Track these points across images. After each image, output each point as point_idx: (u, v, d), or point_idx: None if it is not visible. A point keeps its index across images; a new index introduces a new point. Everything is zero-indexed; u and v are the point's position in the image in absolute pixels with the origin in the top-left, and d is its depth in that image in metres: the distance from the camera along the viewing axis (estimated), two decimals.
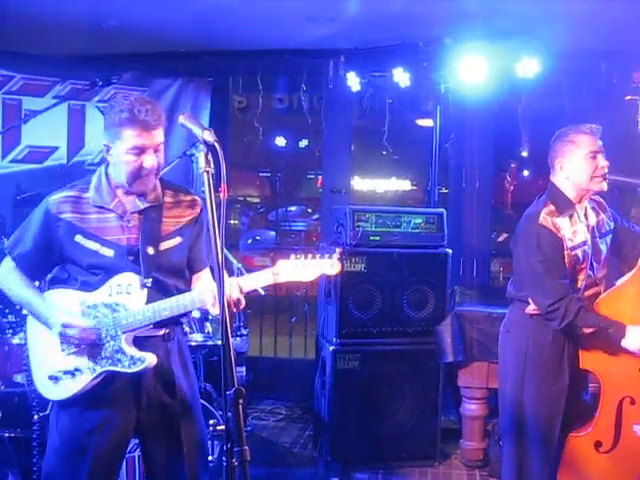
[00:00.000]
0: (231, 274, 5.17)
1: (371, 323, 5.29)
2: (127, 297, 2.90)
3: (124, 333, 2.89)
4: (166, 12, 5.67)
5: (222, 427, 2.35)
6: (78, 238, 2.93)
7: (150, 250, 2.96)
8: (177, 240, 3.06)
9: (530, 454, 3.77)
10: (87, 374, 2.90)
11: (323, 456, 5.32)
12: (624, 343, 3.48)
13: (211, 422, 2.64)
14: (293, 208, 13.71)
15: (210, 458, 4.08)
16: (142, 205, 2.99)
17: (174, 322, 3.08)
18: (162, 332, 3.03)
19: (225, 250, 4.16)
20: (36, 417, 3.81)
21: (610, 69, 6.34)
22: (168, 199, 3.09)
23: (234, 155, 8.00)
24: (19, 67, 5.93)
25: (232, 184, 9.26)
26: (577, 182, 3.69)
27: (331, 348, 5.23)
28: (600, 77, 6.38)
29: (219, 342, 4.65)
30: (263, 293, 4.66)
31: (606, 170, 3.65)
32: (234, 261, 5.23)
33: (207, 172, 2.32)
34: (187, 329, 4.59)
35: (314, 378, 5.60)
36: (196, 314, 4.55)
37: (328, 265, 2.84)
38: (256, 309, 7.16)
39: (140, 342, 2.93)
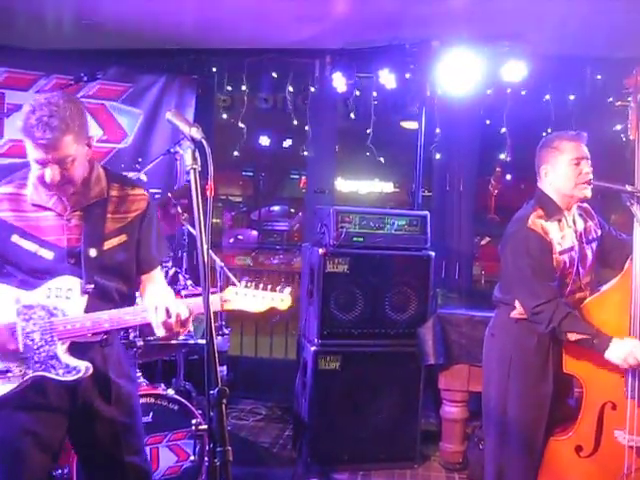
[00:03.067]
0: (214, 272, 5.17)
1: (353, 324, 5.28)
2: (66, 302, 2.77)
3: (60, 339, 2.76)
4: (152, 9, 5.65)
5: (203, 427, 2.30)
6: (15, 238, 2.79)
7: (92, 252, 2.82)
8: (122, 238, 2.91)
9: (513, 458, 3.77)
10: (17, 377, 2.77)
11: (302, 457, 5.31)
12: (607, 355, 3.47)
13: (193, 422, 2.61)
14: (276, 208, 13.68)
15: (192, 458, 4.07)
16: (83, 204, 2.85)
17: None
18: (100, 338, 2.90)
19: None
20: None
21: (596, 75, 6.38)
22: (114, 193, 2.93)
23: (217, 154, 7.96)
24: (3, 60, 5.86)
25: (215, 183, 9.25)
26: (561, 188, 3.70)
27: (312, 349, 5.22)
28: (585, 82, 6.41)
29: (200, 341, 4.65)
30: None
31: (590, 177, 3.66)
32: (217, 259, 5.22)
33: (194, 169, 2.28)
34: None
35: (294, 378, 5.59)
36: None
37: (279, 299, 2.79)
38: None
39: (76, 346, 2.81)
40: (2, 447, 2.83)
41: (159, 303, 2.74)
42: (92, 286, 2.80)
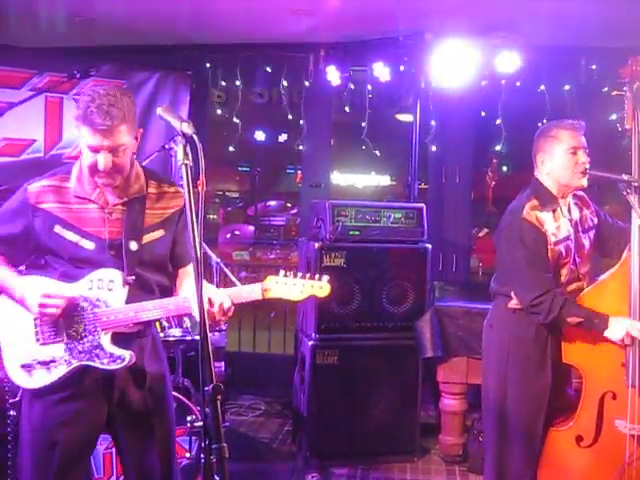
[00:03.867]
0: (210, 268, 5.16)
1: (350, 318, 5.27)
2: (108, 293, 2.85)
3: (103, 330, 2.84)
4: (145, 4, 5.63)
5: (200, 423, 2.30)
6: (57, 229, 2.87)
7: (133, 245, 2.90)
8: (160, 233, 3.00)
9: (513, 450, 3.77)
10: (62, 366, 2.85)
11: (302, 451, 5.30)
12: (607, 333, 3.49)
13: (189, 419, 2.61)
14: (272, 203, 13.67)
15: (187, 455, 4.06)
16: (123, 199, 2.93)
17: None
18: (137, 329, 2.97)
19: (203, 244, 4.13)
20: (12, 412, 3.75)
21: (590, 65, 6.36)
22: (152, 190, 3.03)
23: (213, 149, 7.96)
24: None
25: (211, 179, 9.23)
26: (558, 177, 3.69)
27: (310, 343, 5.21)
28: (580, 73, 6.40)
29: (198, 337, 4.64)
30: None
31: (587, 166, 3.65)
32: (213, 255, 5.20)
33: (185, 165, 2.28)
34: (166, 324, 4.57)
35: (293, 373, 5.58)
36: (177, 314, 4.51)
37: (318, 287, 2.84)
38: (235, 304, 7.11)
39: (114, 337, 2.88)
40: (40, 438, 2.91)
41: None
42: (133, 277, 2.89)
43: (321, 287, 2.84)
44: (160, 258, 3.04)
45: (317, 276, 2.85)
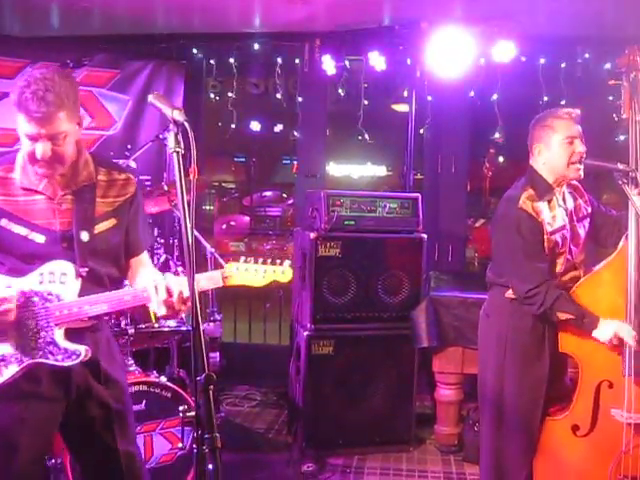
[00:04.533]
0: (203, 258, 5.14)
1: (346, 308, 5.26)
2: (60, 287, 2.73)
3: (56, 325, 2.73)
4: None
5: (193, 413, 2.27)
6: (4, 222, 2.74)
7: (84, 236, 2.80)
8: (112, 222, 2.89)
9: (509, 439, 3.76)
10: (13, 365, 2.72)
11: (298, 442, 5.30)
12: (595, 334, 3.51)
13: (181, 408, 2.58)
14: (268, 193, 13.64)
15: (180, 445, 4.05)
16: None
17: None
18: (91, 323, 2.87)
19: (196, 233, 4.11)
20: None
21: (586, 54, 6.34)
22: (102, 177, 2.90)
23: (208, 140, 7.94)
24: None
25: (207, 169, 9.20)
26: (554, 167, 3.68)
27: (305, 333, 5.20)
28: (576, 62, 6.38)
29: None
30: None
31: (583, 156, 3.64)
32: (207, 245, 5.19)
33: (177, 152, 2.25)
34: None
35: (288, 364, 5.57)
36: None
37: (280, 272, 2.78)
38: (230, 294, 7.12)
39: (67, 333, 2.77)
40: None
41: (159, 282, 2.71)
42: (86, 269, 2.78)
43: (283, 272, 2.78)
44: (113, 248, 2.93)
45: (278, 261, 2.79)
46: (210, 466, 2.14)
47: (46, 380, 2.82)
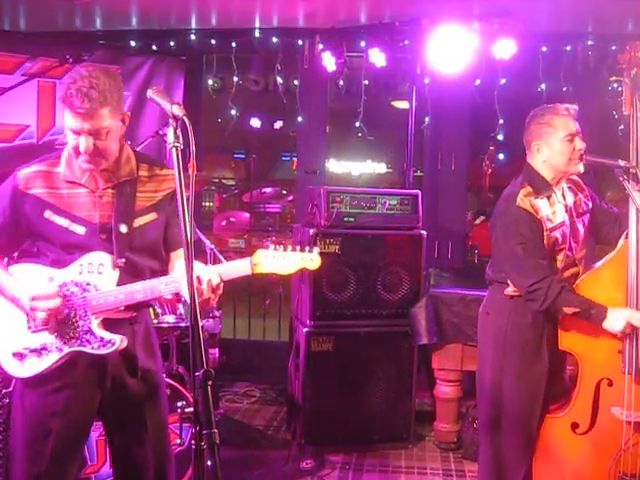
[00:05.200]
0: (203, 254, 5.13)
1: (345, 305, 5.26)
2: (98, 277, 2.82)
3: (94, 314, 2.81)
4: None
5: (191, 409, 2.27)
6: (47, 214, 2.84)
7: (123, 228, 2.88)
8: (152, 216, 2.97)
9: (508, 436, 3.74)
10: (54, 353, 2.81)
11: (297, 438, 5.30)
12: (605, 325, 3.46)
13: (179, 404, 2.57)
14: (268, 190, 13.62)
15: (178, 441, 4.05)
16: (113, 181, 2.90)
17: (144, 305, 3.01)
18: (130, 315, 2.95)
19: (196, 229, 4.11)
20: (5, 401, 3.72)
21: (587, 51, 6.33)
22: (143, 173, 2.99)
23: (208, 136, 7.94)
24: None
25: (206, 166, 9.20)
26: (554, 165, 3.66)
27: (305, 330, 5.20)
28: (577, 59, 6.37)
29: None
30: None
31: (583, 152, 3.63)
32: (207, 241, 5.18)
33: (176, 147, 2.25)
34: (159, 310, 4.54)
35: (288, 360, 5.56)
36: (168, 295, 4.47)
37: (309, 259, 2.77)
38: (229, 291, 7.10)
39: (106, 324, 2.85)
40: (33, 428, 2.89)
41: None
42: (123, 261, 2.85)
43: (312, 259, 2.78)
44: (152, 242, 3.00)
45: (307, 248, 2.79)
46: (209, 462, 2.14)
47: (82, 370, 2.89)
